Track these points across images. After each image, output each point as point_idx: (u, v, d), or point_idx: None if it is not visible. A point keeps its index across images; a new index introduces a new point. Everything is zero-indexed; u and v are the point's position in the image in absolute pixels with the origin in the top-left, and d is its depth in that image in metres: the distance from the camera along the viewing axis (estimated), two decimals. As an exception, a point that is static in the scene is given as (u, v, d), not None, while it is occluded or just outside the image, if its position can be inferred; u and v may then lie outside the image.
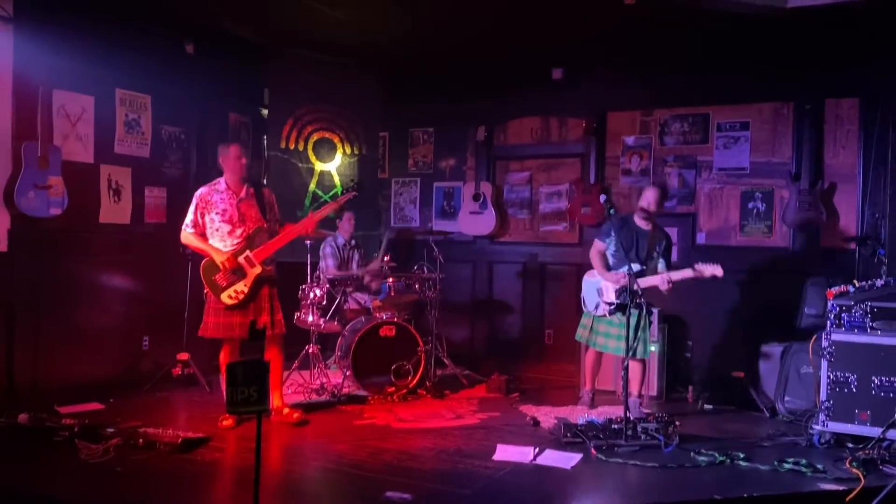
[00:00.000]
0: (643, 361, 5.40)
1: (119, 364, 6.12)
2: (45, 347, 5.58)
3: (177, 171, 6.64)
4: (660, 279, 5.06)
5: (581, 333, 5.55)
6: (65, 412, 4.94)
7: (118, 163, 6.14)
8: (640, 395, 5.43)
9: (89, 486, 3.78)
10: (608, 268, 5.36)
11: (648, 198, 5.34)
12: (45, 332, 5.59)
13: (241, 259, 4.86)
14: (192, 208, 4.95)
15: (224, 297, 4.85)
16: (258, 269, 4.86)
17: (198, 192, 4.99)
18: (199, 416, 5.13)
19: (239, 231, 4.92)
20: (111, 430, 4.45)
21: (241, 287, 4.85)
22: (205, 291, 4.96)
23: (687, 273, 5.12)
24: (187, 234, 4.96)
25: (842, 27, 5.67)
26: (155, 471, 4.01)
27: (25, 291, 5.47)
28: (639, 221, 5.38)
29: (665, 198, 5.49)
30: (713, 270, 5.06)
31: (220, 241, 4.91)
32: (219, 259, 4.83)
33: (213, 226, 4.92)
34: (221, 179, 5.00)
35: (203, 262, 4.92)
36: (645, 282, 5.15)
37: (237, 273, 4.86)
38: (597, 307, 5.37)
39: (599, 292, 5.35)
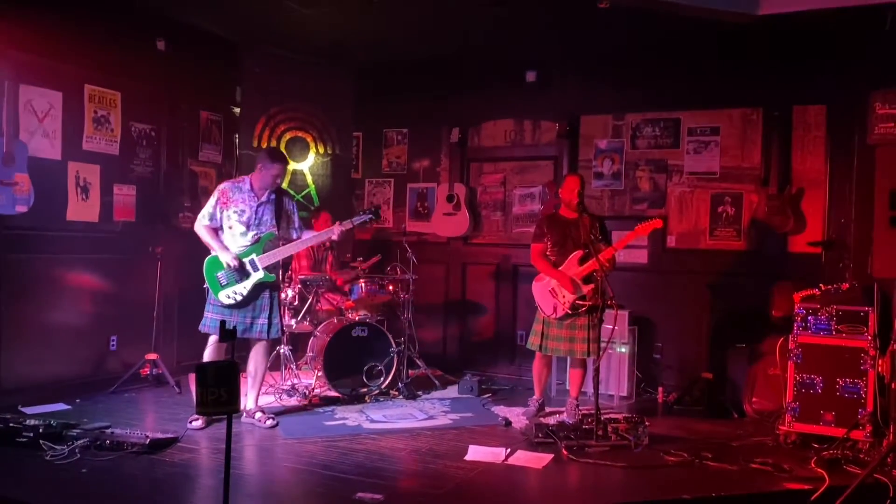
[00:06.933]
0: (585, 363, 5.36)
1: (86, 364, 6.00)
2: (9, 347, 5.45)
3: (147, 169, 6.54)
4: (597, 263, 4.97)
5: (533, 341, 5.40)
6: (29, 412, 4.86)
7: (86, 160, 6.02)
8: (577, 397, 5.41)
9: (54, 488, 3.72)
10: (555, 266, 5.31)
11: (571, 187, 5.28)
12: (10, 331, 5.46)
13: (245, 261, 4.85)
14: (212, 201, 4.93)
15: (222, 295, 4.84)
16: (261, 274, 4.87)
17: (220, 186, 4.98)
18: (168, 417, 5.09)
19: (252, 234, 4.91)
20: (77, 430, 4.40)
21: (241, 289, 4.85)
22: (204, 286, 4.93)
23: (616, 249, 5.19)
24: (201, 226, 4.93)
25: (810, 35, 5.76)
26: (122, 472, 3.96)
27: (-11, 290, 5.36)
28: (564, 213, 5.37)
29: (583, 185, 5.36)
30: (651, 226, 5.09)
31: (231, 240, 4.90)
32: (224, 259, 4.81)
33: (227, 222, 4.91)
34: (247, 179, 4.99)
35: (208, 257, 4.90)
36: (585, 268, 5.14)
37: (240, 274, 4.84)
38: (555, 309, 5.29)
39: (553, 293, 5.30)
